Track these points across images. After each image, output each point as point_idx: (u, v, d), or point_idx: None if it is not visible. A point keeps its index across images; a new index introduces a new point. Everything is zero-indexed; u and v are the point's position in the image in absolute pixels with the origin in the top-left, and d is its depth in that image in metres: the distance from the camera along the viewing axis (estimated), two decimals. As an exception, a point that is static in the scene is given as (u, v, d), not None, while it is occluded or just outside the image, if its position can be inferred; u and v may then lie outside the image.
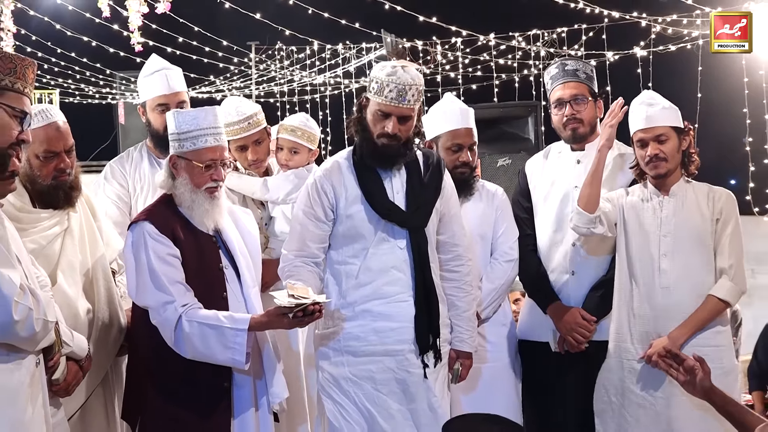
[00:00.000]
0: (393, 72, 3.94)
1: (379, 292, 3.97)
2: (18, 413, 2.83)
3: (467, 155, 4.50)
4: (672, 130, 4.23)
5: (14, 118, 2.92)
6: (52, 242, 3.63)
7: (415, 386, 3.96)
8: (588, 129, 4.54)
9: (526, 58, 11.69)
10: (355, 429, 3.95)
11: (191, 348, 3.54)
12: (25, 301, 2.85)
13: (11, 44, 12.02)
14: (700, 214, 4.22)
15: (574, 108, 4.51)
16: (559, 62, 4.66)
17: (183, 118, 3.69)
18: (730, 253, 4.18)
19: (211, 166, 3.68)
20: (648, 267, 4.22)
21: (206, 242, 3.73)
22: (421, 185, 4.05)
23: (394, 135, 3.95)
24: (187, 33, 11.92)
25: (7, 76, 2.91)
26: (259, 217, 4.49)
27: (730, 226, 4.21)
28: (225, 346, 3.53)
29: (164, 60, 4.65)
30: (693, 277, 4.18)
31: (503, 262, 4.55)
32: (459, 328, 4.17)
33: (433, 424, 3.93)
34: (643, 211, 4.29)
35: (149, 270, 3.58)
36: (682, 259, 4.19)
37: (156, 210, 3.75)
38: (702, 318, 4.15)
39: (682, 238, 4.20)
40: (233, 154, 4.50)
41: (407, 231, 4.00)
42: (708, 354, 4.05)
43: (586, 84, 4.55)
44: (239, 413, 3.70)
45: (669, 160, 4.21)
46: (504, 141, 7.17)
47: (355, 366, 3.98)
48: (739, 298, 4.27)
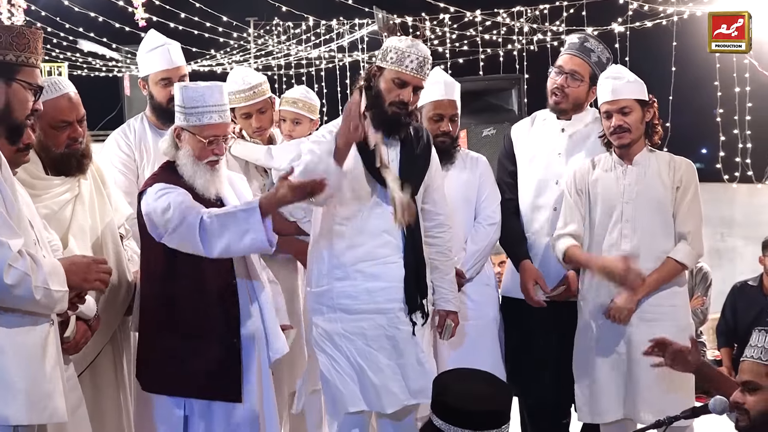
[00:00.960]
0: (413, 44, 3.95)
1: (371, 253, 3.99)
2: (35, 370, 2.84)
3: (448, 125, 4.51)
4: (636, 103, 4.24)
5: (29, 92, 2.95)
6: (63, 207, 3.65)
7: (404, 342, 4.00)
8: (570, 105, 4.53)
9: (510, 34, 11.64)
10: (347, 381, 3.99)
11: (215, 240, 3.52)
12: (19, 266, 2.73)
13: (22, 19, 11.94)
14: (662, 182, 4.24)
15: (567, 81, 4.49)
16: (584, 35, 4.64)
17: (190, 94, 3.68)
18: (689, 219, 4.22)
19: (213, 141, 3.69)
20: (611, 233, 4.25)
21: (208, 205, 3.74)
22: (414, 156, 4.06)
23: (405, 104, 3.94)
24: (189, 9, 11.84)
25: (23, 52, 2.92)
26: (262, 183, 4.55)
27: (690, 194, 4.23)
28: (243, 230, 3.51)
29: (163, 35, 4.64)
30: (653, 242, 4.22)
31: (486, 225, 4.57)
32: (442, 290, 4.20)
33: (420, 377, 3.97)
34: (607, 180, 4.30)
35: (172, 198, 3.57)
36: (642, 224, 4.22)
37: (162, 175, 3.76)
38: (659, 278, 4.20)
39: (643, 205, 4.23)
40: (238, 121, 4.54)
41: (399, 197, 4.01)
42: (666, 312, 4.23)
43: (591, 66, 4.49)
44: (246, 367, 3.73)
45: (632, 131, 4.23)
46: (489, 112, 7.18)
47: (347, 323, 4.01)
48: (695, 262, 4.35)
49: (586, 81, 4.49)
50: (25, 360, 2.82)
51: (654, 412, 3.94)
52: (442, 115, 4.51)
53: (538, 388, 4.58)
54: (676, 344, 3.55)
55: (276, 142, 4.69)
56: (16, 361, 2.80)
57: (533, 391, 4.62)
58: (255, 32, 15.51)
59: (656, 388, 4.12)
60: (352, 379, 4.00)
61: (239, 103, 4.52)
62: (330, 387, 4.03)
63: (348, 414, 4.01)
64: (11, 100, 2.90)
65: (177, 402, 3.70)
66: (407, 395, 4.00)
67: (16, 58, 2.90)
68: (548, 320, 4.50)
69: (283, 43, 14.85)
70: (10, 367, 2.78)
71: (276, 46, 14.99)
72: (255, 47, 15.51)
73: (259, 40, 15.47)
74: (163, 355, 3.69)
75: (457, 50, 12.33)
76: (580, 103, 4.54)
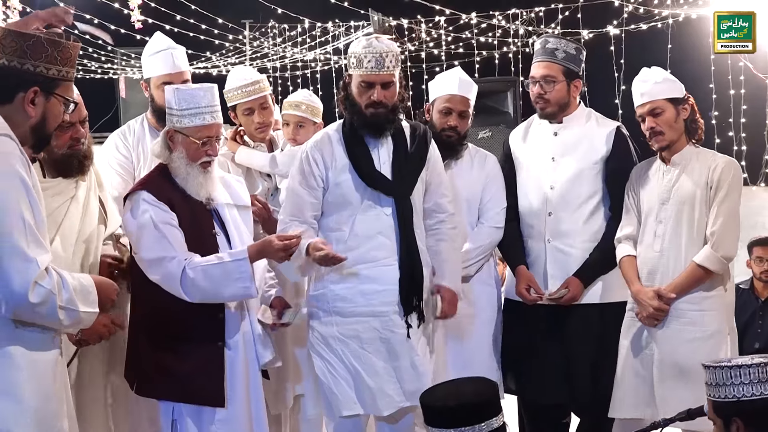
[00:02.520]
0: (368, 44, 3.97)
1: (366, 256, 3.99)
2: (46, 389, 2.83)
3: (455, 120, 4.50)
4: (667, 102, 4.19)
5: (63, 106, 2.95)
6: (58, 209, 3.63)
7: (399, 345, 3.99)
8: (556, 108, 4.50)
9: (505, 36, 11.64)
10: (342, 384, 3.98)
11: (199, 291, 3.57)
12: (45, 284, 2.71)
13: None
14: (697, 182, 4.16)
15: (543, 88, 4.47)
16: (543, 38, 4.60)
17: (182, 95, 3.69)
18: (716, 221, 4.11)
19: (206, 142, 3.68)
20: (647, 233, 4.23)
21: (200, 209, 3.75)
22: (406, 156, 4.06)
23: (380, 102, 3.95)
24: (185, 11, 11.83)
25: (64, 66, 2.90)
26: (266, 188, 4.55)
27: (721, 194, 4.12)
28: (232, 279, 3.57)
29: (169, 39, 4.62)
30: (681, 243, 4.15)
31: (488, 227, 4.55)
32: (440, 270, 4.14)
33: (415, 380, 3.97)
34: (650, 180, 4.28)
35: (150, 230, 3.60)
36: (673, 225, 4.16)
37: (152, 179, 3.76)
38: (682, 283, 4.13)
39: (676, 206, 4.17)
40: (240, 119, 4.53)
41: (393, 199, 4.02)
42: (694, 318, 4.13)
43: (561, 64, 4.47)
44: (230, 372, 3.71)
45: (666, 132, 4.17)
46: (484, 114, 7.18)
47: (342, 326, 4.00)
48: (721, 266, 4.14)
49: (561, 80, 4.47)
50: (38, 378, 2.81)
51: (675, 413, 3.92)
52: (451, 109, 4.51)
53: (537, 389, 4.57)
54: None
55: (277, 146, 4.68)
56: (30, 378, 2.79)
57: (533, 391, 4.61)
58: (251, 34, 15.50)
59: (679, 392, 4.05)
60: (348, 383, 3.99)
61: (242, 99, 4.51)
62: (325, 390, 4.02)
63: (343, 417, 4.01)
64: (48, 114, 2.89)
65: (165, 405, 3.70)
66: (402, 397, 3.99)
67: (58, 72, 2.88)
68: (550, 323, 4.48)
69: (278, 45, 14.84)
70: (24, 385, 2.77)
71: (272, 48, 14.98)
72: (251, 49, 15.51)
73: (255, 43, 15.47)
74: (149, 359, 3.69)
75: (453, 52, 12.33)
76: (565, 102, 4.51)
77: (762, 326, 6.53)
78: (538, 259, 4.53)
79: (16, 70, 2.81)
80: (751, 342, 6.47)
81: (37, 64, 2.83)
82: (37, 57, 2.83)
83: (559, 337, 4.47)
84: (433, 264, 4.13)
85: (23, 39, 2.83)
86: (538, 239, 4.53)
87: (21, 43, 2.81)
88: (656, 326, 4.16)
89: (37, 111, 2.86)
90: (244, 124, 4.56)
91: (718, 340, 4.15)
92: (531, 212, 4.55)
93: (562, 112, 4.52)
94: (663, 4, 10.09)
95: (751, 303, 6.67)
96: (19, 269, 2.67)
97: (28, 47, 2.82)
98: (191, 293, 3.58)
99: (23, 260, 2.68)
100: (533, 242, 4.56)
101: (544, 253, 4.50)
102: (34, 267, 2.69)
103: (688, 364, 4.04)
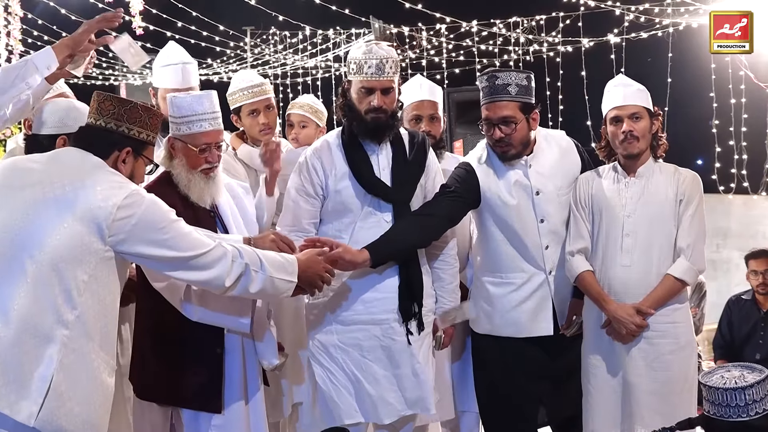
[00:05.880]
0: (368, 50, 3.96)
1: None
2: (105, 415, 3.06)
3: (428, 125, 4.51)
4: (645, 111, 4.15)
5: (147, 166, 3.30)
6: None
7: (399, 353, 3.97)
8: (520, 148, 4.16)
9: (506, 44, 11.67)
10: (343, 393, 3.96)
11: (198, 311, 3.54)
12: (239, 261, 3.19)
13: (18, 27, 11.91)
14: (665, 195, 4.11)
15: (503, 130, 4.13)
16: (490, 74, 4.22)
17: (180, 103, 3.67)
18: (689, 233, 4.07)
19: (205, 149, 3.67)
20: (611, 246, 4.12)
21: (204, 216, 3.71)
22: (405, 162, 4.04)
23: (380, 108, 3.94)
24: (186, 18, 11.84)
25: (153, 131, 3.24)
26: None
27: (692, 207, 4.09)
28: (237, 308, 3.56)
29: (184, 51, 4.59)
30: (653, 257, 4.08)
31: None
32: (442, 299, 4.18)
33: (416, 388, 3.95)
34: (609, 192, 4.17)
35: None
36: (643, 238, 4.09)
37: (155, 186, 3.73)
38: (658, 296, 4.06)
39: (644, 219, 4.09)
40: (245, 121, 4.53)
41: (392, 205, 4.00)
42: (666, 330, 4.09)
43: (516, 101, 4.12)
44: (229, 378, 3.69)
45: (641, 139, 4.12)
46: (484, 122, 7.13)
47: (342, 334, 3.98)
48: (696, 278, 4.17)
49: (521, 118, 4.12)
50: (107, 402, 3.05)
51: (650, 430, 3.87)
52: (420, 116, 4.52)
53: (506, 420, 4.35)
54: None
55: (282, 153, 4.66)
56: (99, 401, 3.01)
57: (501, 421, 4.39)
58: (252, 41, 15.53)
59: (654, 405, 4.01)
60: (348, 391, 3.97)
61: (247, 100, 4.51)
62: (326, 399, 4.00)
63: (344, 426, 3.98)
64: (134, 173, 3.21)
65: (164, 410, 3.70)
66: (404, 405, 3.97)
67: (147, 136, 3.22)
68: (519, 357, 4.27)
69: (279, 52, 14.86)
70: (99, 408, 3.00)
71: (273, 55, 14.99)
72: (252, 56, 15.53)
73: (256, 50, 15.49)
74: (150, 364, 3.68)
75: (454, 60, 12.36)
76: (528, 139, 4.20)
77: (764, 337, 6.53)
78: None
79: (113, 131, 3.15)
80: (752, 353, 6.46)
81: (131, 127, 3.17)
82: (132, 121, 3.17)
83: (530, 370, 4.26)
84: (435, 287, 4.15)
85: (122, 104, 3.18)
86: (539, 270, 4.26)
87: (119, 108, 3.16)
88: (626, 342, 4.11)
89: (127, 169, 3.17)
90: (249, 126, 4.55)
91: (689, 352, 4.13)
92: (523, 245, 4.24)
93: (525, 149, 4.23)
94: (663, 13, 10.10)
95: (753, 314, 6.66)
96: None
97: (125, 111, 3.17)
98: (191, 312, 3.56)
99: None
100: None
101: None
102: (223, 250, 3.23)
103: (664, 377, 4.02)
